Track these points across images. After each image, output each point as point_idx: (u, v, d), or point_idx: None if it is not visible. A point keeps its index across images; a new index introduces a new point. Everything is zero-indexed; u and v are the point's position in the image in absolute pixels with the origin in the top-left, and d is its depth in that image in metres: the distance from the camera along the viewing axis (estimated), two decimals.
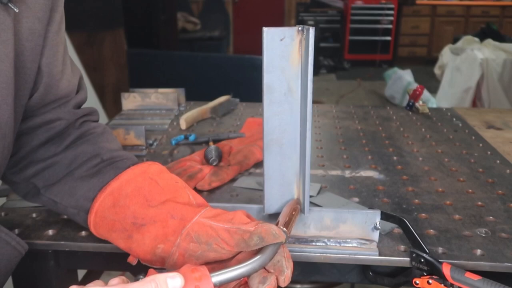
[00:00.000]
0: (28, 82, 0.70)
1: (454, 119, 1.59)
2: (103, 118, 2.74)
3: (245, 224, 0.64)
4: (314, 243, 0.80)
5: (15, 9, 0.62)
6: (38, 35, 0.69)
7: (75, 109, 0.81)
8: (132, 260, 0.73)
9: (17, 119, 0.70)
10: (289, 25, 6.38)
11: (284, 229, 0.64)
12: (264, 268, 0.62)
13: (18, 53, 0.66)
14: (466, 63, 4.17)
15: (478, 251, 0.79)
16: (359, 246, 0.79)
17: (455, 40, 5.05)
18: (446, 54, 4.61)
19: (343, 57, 7.57)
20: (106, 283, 0.53)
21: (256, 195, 1.01)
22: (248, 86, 2.31)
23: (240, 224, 0.64)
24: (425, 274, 0.76)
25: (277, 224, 0.67)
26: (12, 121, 0.66)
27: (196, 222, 0.67)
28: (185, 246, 0.67)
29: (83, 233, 0.86)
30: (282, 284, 0.61)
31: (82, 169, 0.76)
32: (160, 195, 0.71)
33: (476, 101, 4.11)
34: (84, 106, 0.85)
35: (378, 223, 0.77)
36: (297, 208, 0.73)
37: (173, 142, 1.33)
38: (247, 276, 0.61)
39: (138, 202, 0.70)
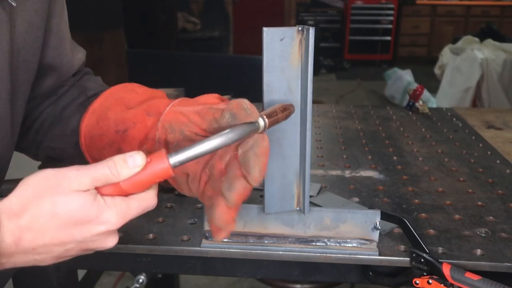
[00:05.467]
0: (30, 76, 0.71)
1: (454, 119, 1.59)
2: None
3: (217, 104, 0.62)
4: (314, 243, 0.80)
5: (13, 3, 0.62)
6: (37, 28, 0.69)
7: (75, 76, 0.83)
8: None
9: (17, 113, 0.70)
10: (289, 25, 6.37)
11: (265, 117, 0.58)
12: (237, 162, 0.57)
13: (19, 48, 0.66)
14: (466, 63, 4.17)
15: (478, 251, 0.79)
16: (359, 246, 0.79)
17: (455, 40, 5.04)
18: (446, 54, 4.60)
19: (343, 57, 7.56)
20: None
21: (256, 195, 1.01)
22: (248, 86, 2.31)
23: (211, 105, 0.62)
24: (425, 274, 0.76)
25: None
26: (8, 116, 0.66)
27: (167, 112, 0.65)
28: (164, 138, 0.65)
29: None
30: (253, 183, 0.57)
31: (69, 109, 0.78)
32: (138, 98, 0.70)
33: (476, 101, 4.11)
34: None
35: (378, 223, 0.77)
36: (288, 108, 0.63)
37: None
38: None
39: (117, 111, 0.69)
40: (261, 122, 0.57)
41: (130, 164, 0.51)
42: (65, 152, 0.78)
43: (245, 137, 0.57)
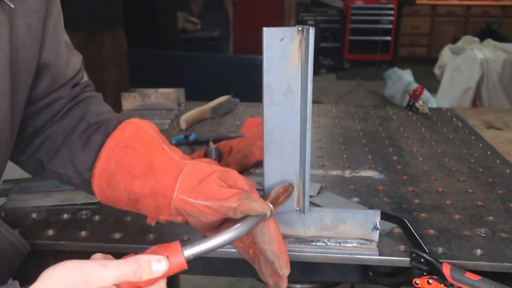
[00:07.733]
0: (29, 77, 0.71)
1: (454, 119, 1.59)
2: None
3: (227, 199, 0.63)
4: (314, 243, 0.80)
5: (11, 5, 0.62)
6: (36, 30, 0.69)
7: (73, 88, 0.82)
8: (151, 222, 0.73)
9: (17, 114, 0.70)
10: (289, 25, 6.38)
11: (271, 206, 0.63)
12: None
13: (17, 49, 0.66)
14: (466, 63, 4.17)
15: (478, 251, 0.79)
16: (359, 246, 0.79)
17: (455, 40, 5.05)
18: (446, 54, 4.61)
19: (343, 57, 7.56)
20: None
21: None
22: (248, 86, 2.31)
23: (222, 201, 0.64)
24: (425, 274, 0.76)
25: (265, 198, 0.68)
26: (9, 116, 0.66)
27: (177, 200, 0.67)
28: (181, 216, 0.69)
29: (83, 233, 0.86)
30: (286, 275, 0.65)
31: (74, 136, 0.77)
32: (139, 160, 0.71)
33: (476, 101, 4.11)
34: None
35: (378, 223, 0.77)
36: (289, 189, 0.72)
37: (173, 142, 1.33)
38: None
39: (124, 178, 0.70)
40: (268, 212, 0.62)
41: (154, 270, 0.54)
42: (71, 180, 0.78)
43: (254, 227, 0.63)
